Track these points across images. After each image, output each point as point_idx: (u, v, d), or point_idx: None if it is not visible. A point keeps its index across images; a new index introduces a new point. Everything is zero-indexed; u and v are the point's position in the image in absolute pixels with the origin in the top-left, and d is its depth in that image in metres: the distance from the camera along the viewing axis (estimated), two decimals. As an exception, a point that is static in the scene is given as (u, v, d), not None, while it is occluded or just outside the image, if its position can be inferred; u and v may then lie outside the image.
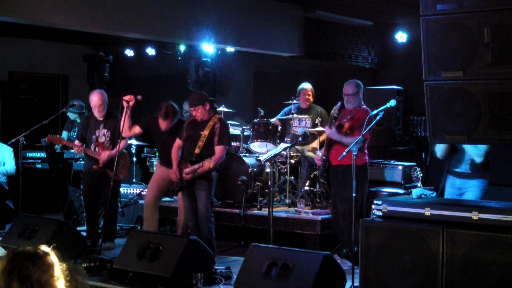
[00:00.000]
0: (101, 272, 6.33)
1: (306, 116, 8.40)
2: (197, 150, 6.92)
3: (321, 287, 5.25)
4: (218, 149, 6.91)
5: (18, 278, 1.78)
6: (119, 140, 7.66)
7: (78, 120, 9.38)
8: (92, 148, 7.81)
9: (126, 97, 7.26)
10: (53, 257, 1.89)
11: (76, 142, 7.91)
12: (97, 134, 7.83)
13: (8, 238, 7.11)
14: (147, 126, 7.55)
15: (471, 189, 6.27)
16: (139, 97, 7.26)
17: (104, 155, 7.69)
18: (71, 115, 9.61)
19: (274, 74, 10.92)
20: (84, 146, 7.83)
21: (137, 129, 7.52)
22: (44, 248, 1.90)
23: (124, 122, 7.35)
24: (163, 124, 7.36)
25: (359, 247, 5.34)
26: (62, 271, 1.86)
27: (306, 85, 8.69)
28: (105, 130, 7.84)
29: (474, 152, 6.19)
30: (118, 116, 7.90)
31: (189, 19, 8.01)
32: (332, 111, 7.19)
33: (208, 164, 6.69)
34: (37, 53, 11.66)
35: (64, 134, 9.59)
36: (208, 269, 5.99)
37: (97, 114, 7.82)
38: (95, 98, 7.81)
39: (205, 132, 6.93)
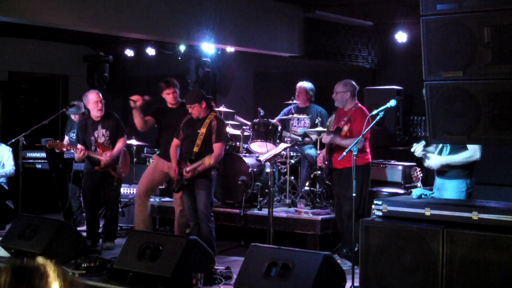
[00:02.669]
0: (101, 272, 6.33)
1: (305, 115, 8.40)
2: (195, 149, 6.94)
3: (321, 287, 5.25)
4: (217, 147, 6.93)
5: None
6: (118, 139, 7.69)
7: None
8: (93, 149, 7.79)
9: (134, 97, 7.28)
10: (53, 270, 1.94)
11: (79, 146, 7.85)
12: (96, 135, 7.79)
13: (8, 238, 7.11)
14: (156, 113, 7.59)
15: (447, 192, 5.68)
16: (146, 97, 7.30)
17: (106, 156, 7.66)
18: (72, 116, 9.53)
19: (274, 74, 10.91)
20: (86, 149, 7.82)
21: (150, 119, 7.54)
22: (43, 260, 1.95)
23: (136, 120, 7.36)
24: (169, 97, 7.42)
25: (359, 247, 5.34)
26: (61, 283, 1.92)
27: (300, 83, 8.72)
28: (104, 130, 7.81)
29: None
30: (115, 115, 7.90)
31: (189, 19, 8.00)
32: (327, 123, 7.22)
33: (209, 160, 6.71)
34: (37, 53, 11.65)
35: (66, 138, 9.50)
36: (208, 269, 5.99)
37: (96, 113, 7.73)
38: (93, 96, 7.74)
39: (202, 130, 6.96)
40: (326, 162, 7.09)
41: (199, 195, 6.95)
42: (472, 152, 5.56)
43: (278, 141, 8.13)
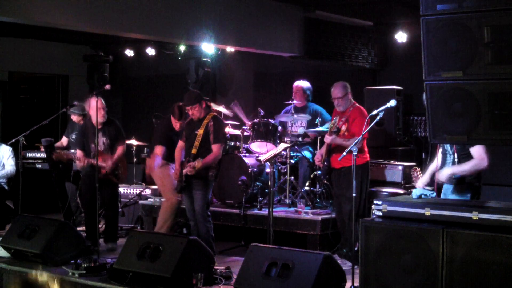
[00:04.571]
0: (101, 272, 6.33)
1: (302, 115, 8.40)
2: (193, 150, 6.97)
3: (321, 287, 5.24)
4: (215, 147, 6.97)
5: None
6: (118, 146, 7.67)
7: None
8: (92, 156, 7.71)
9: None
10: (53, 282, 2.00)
11: (78, 153, 7.79)
12: (95, 142, 7.50)
13: (8, 238, 7.10)
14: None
15: (452, 196, 5.58)
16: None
17: (107, 164, 7.63)
18: (73, 117, 9.44)
19: (274, 74, 10.92)
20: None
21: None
22: (48, 277, 2.01)
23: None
24: (177, 125, 7.62)
25: (359, 247, 5.34)
26: None
27: (296, 83, 8.72)
28: (104, 138, 7.71)
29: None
30: (116, 122, 7.85)
31: (189, 19, 8.01)
32: (330, 125, 7.21)
33: (197, 164, 6.77)
34: (37, 53, 11.66)
35: (64, 140, 9.42)
36: (208, 269, 5.98)
37: (99, 120, 7.32)
38: (97, 102, 7.40)
39: (200, 131, 6.98)
40: (325, 162, 7.08)
41: (196, 196, 7.00)
42: (479, 160, 5.42)
43: (278, 141, 8.13)
